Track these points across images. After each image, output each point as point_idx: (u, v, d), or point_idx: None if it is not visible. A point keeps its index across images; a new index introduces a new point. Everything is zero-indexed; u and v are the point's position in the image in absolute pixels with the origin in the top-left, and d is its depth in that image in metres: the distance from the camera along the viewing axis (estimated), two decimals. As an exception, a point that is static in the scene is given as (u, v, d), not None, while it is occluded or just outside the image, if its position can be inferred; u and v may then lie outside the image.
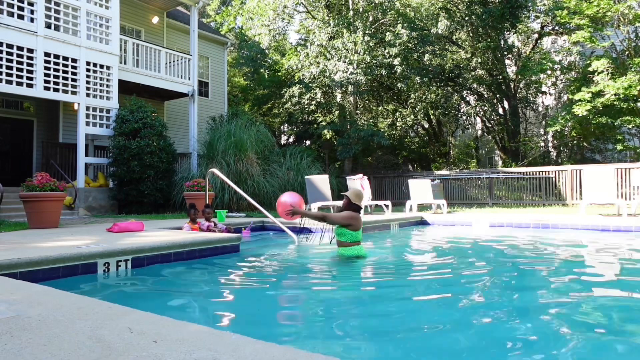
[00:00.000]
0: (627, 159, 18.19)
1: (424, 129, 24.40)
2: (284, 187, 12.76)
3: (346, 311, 3.08)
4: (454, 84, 20.51)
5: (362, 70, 16.50)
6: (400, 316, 2.93)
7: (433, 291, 3.64)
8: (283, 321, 2.82)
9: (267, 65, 22.77)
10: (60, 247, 4.23)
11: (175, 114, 16.23)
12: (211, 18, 31.41)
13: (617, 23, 14.10)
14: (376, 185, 17.25)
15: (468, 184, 15.74)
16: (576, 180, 13.28)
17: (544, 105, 22.88)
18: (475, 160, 24.70)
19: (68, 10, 10.46)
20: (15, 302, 2.28)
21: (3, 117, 12.75)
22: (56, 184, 6.85)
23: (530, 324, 2.68)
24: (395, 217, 8.81)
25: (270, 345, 1.59)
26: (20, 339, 1.68)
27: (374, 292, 3.69)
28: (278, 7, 19.37)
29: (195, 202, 9.35)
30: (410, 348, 2.31)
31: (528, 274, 4.29)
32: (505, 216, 9.19)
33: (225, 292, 3.71)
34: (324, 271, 4.57)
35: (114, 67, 11.36)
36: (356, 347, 2.33)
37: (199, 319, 2.84)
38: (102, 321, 1.91)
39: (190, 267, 4.48)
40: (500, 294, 3.47)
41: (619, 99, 13.29)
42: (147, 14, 15.37)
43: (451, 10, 18.98)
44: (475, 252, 5.75)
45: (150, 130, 11.11)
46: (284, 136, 26.99)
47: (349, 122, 18.35)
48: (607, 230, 7.33)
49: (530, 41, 20.95)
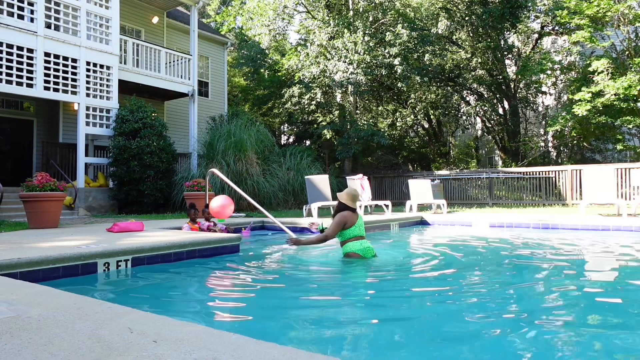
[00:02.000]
0: (627, 159, 18.19)
1: (424, 129, 24.41)
2: (284, 187, 12.77)
3: (346, 311, 3.08)
4: (454, 84, 20.52)
5: (362, 70, 16.50)
6: (400, 316, 2.93)
7: (433, 290, 3.64)
8: (283, 321, 2.82)
9: (267, 65, 22.77)
10: (60, 247, 4.23)
11: (175, 114, 16.23)
12: (211, 18, 31.41)
13: (617, 23, 14.10)
14: (376, 185, 17.25)
15: (468, 184, 15.74)
16: (576, 180, 13.28)
17: (544, 105, 22.89)
18: (475, 160, 24.71)
19: (68, 10, 10.46)
20: (15, 302, 2.28)
21: (3, 117, 12.75)
22: (56, 184, 6.85)
23: (531, 324, 2.68)
24: (395, 217, 8.81)
25: (270, 345, 1.59)
26: (21, 339, 1.68)
27: (374, 291, 3.68)
28: (278, 7, 19.37)
29: (195, 202, 9.35)
30: (410, 348, 2.31)
31: (528, 274, 4.28)
32: (505, 216, 9.18)
33: (225, 292, 3.71)
34: (324, 271, 4.57)
35: (114, 67, 11.35)
36: (356, 347, 2.33)
37: (199, 319, 2.84)
38: (102, 321, 1.91)
39: (190, 267, 4.48)
40: (500, 294, 3.47)
41: (619, 99, 13.30)
42: (147, 14, 15.37)
43: (451, 10, 18.99)
44: (475, 252, 5.75)
45: (150, 130, 11.11)
46: (284, 136, 26.99)
47: (349, 122, 18.35)
48: (607, 230, 7.33)
49: (530, 41, 20.96)
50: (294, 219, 8.29)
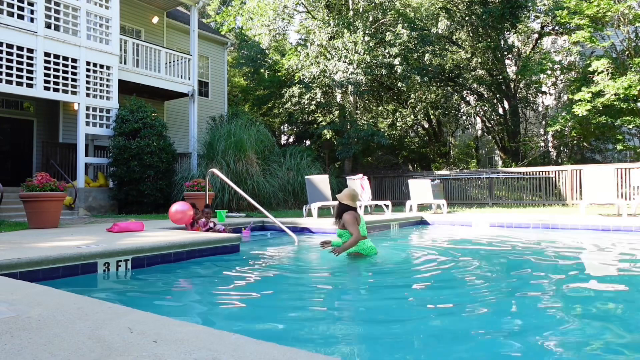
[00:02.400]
0: (627, 159, 18.19)
1: (424, 129, 24.41)
2: (284, 187, 12.77)
3: (347, 311, 3.08)
4: (454, 84, 20.52)
5: (362, 70, 16.50)
6: (400, 316, 2.93)
7: (432, 291, 3.64)
8: (283, 321, 2.82)
9: (267, 65, 22.77)
10: (60, 247, 4.22)
11: (175, 114, 16.23)
12: (211, 18, 31.41)
13: (617, 23, 14.11)
14: (376, 185, 17.25)
15: (468, 184, 15.74)
16: (576, 181, 13.28)
17: (544, 105, 22.89)
18: (475, 160, 24.72)
19: (68, 10, 10.46)
20: (15, 302, 2.28)
21: (3, 117, 12.75)
22: (56, 184, 6.85)
23: (531, 324, 2.68)
24: (395, 217, 8.81)
25: (270, 345, 1.59)
26: (21, 339, 1.68)
27: (374, 292, 3.68)
28: (278, 7, 19.37)
29: (196, 202, 9.35)
30: (411, 348, 2.31)
31: (528, 274, 4.28)
32: (505, 216, 9.18)
33: (225, 292, 3.71)
34: (325, 271, 4.57)
35: (114, 67, 11.35)
36: (356, 348, 2.33)
37: (199, 319, 2.84)
38: (102, 321, 1.91)
39: (190, 267, 4.48)
40: (500, 294, 3.47)
41: (619, 99, 13.30)
42: (147, 14, 15.37)
43: (451, 10, 18.99)
44: (475, 252, 5.75)
45: (150, 130, 11.11)
46: (284, 136, 26.99)
47: (349, 122, 18.35)
48: (607, 230, 7.33)
49: (530, 41, 20.96)
50: (294, 219, 8.30)
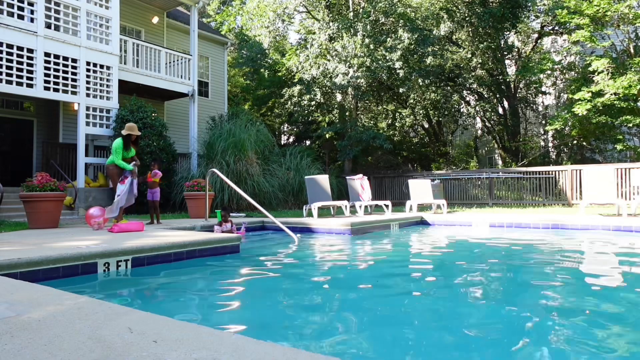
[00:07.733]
0: (627, 159, 18.18)
1: (424, 129, 24.40)
2: (283, 187, 12.76)
3: (347, 311, 3.08)
4: (454, 84, 20.51)
5: (362, 73, 16.48)
6: (401, 316, 2.93)
7: (432, 291, 3.64)
8: (283, 321, 2.82)
9: (267, 65, 22.77)
10: (61, 247, 4.22)
11: (175, 114, 16.22)
12: (211, 18, 31.40)
13: (617, 23, 14.10)
14: (376, 185, 17.25)
15: (468, 183, 15.73)
16: (576, 180, 13.27)
17: (544, 105, 22.89)
18: (475, 160, 24.70)
19: (68, 10, 10.45)
20: (16, 302, 2.28)
21: (3, 117, 12.74)
22: (56, 184, 6.85)
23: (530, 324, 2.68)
24: (395, 217, 8.81)
25: (270, 345, 1.59)
26: (20, 339, 1.68)
27: (375, 292, 3.68)
28: (278, 8, 19.36)
29: (195, 202, 9.38)
30: (411, 348, 2.31)
31: (528, 273, 4.28)
32: (506, 216, 9.18)
33: (225, 291, 3.71)
34: (324, 271, 4.57)
35: (114, 67, 11.35)
36: (357, 347, 2.33)
37: (199, 319, 2.84)
38: (102, 321, 1.91)
39: (190, 267, 4.48)
40: (499, 294, 3.47)
41: (618, 98, 13.30)
42: (147, 14, 15.36)
43: (451, 11, 18.98)
44: (475, 252, 5.75)
45: (150, 130, 11.11)
46: (284, 136, 26.98)
47: (350, 124, 18.33)
48: (607, 230, 7.33)
49: (530, 41, 20.96)
50: (294, 219, 8.29)
